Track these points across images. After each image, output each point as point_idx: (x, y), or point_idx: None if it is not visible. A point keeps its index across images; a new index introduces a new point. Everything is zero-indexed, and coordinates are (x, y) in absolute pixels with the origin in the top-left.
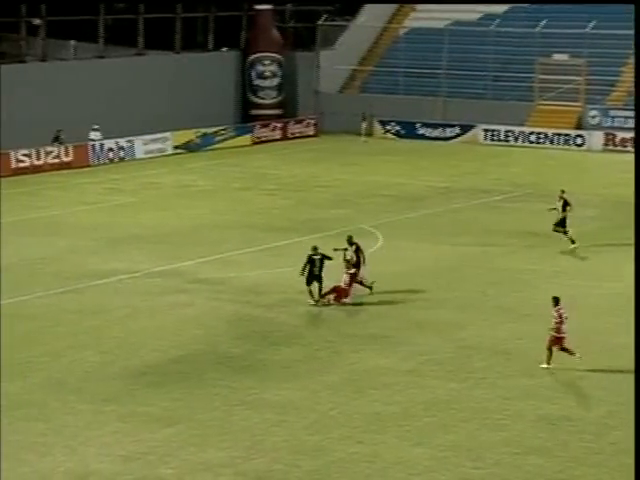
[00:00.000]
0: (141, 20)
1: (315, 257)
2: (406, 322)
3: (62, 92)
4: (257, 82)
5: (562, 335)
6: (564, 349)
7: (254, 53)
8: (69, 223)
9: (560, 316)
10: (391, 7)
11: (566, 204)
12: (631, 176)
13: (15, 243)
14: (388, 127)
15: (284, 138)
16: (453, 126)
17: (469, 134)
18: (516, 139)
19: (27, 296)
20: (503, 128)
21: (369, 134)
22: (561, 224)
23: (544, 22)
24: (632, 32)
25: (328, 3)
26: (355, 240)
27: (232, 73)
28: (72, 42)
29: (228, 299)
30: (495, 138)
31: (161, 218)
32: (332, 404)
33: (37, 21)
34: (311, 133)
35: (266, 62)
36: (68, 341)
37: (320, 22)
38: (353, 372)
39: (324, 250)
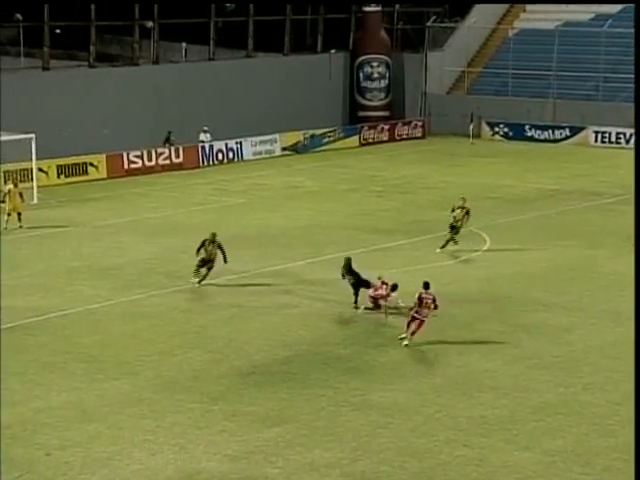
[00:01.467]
0: (251, 22)
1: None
2: (513, 325)
3: (173, 94)
4: (365, 84)
5: None
6: None
7: (362, 55)
8: (180, 223)
9: None
10: (501, 8)
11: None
12: None
13: (129, 243)
14: (496, 129)
15: (391, 140)
16: (563, 128)
17: (579, 136)
18: (627, 141)
19: (140, 295)
20: (614, 130)
21: (477, 136)
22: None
23: None
24: None
25: (437, 4)
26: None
27: (340, 75)
28: (183, 44)
29: (334, 300)
30: (606, 140)
31: (269, 219)
32: (438, 406)
33: (149, 24)
34: (419, 135)
35: (374, 64)
36: (178, 340)
37: (429, 23)
38: (459, 375)
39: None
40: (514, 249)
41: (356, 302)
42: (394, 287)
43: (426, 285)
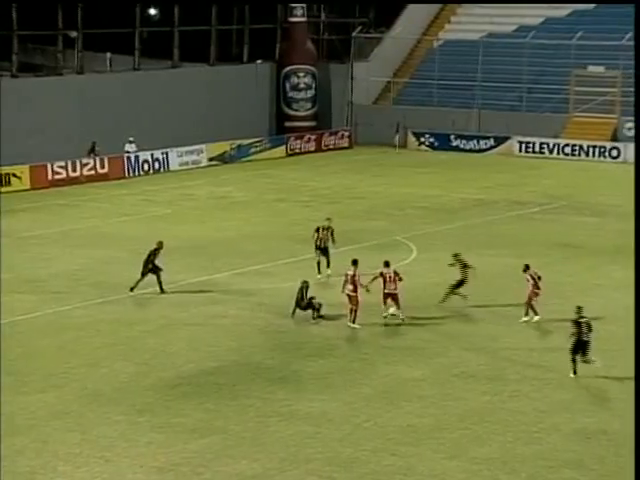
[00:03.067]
0: (176, 32)
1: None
2: (440, 334)
3: (98, 104)
4: (291, 94)
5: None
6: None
7: (288, 65)
8: (107, 234)
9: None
10: (426, 19)
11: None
12: None
13: (55, 254)
14: (422, 139)
15: (318, 150)
16: (488, 138)
17: (504, 146)
18: (551, 151)
19: (66, 307)
20: (538, 140)
21: (403, 146)
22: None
23: (579, 34)
24: None
25: (363, 15)
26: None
27: (267, 85)
28: (108, 54)
29: (263, 310)
30: (530, 150)
31: (197, 229)
32: (366, 416)
33: (73, 34)
34: (345, 145)
35: (300, 74)
36: (105, 352)
37: (354, 34)
38: (387, 384)
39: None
40: (441, 258)
41: (293, 313)
42: (354, 262)
43: (386, 263)
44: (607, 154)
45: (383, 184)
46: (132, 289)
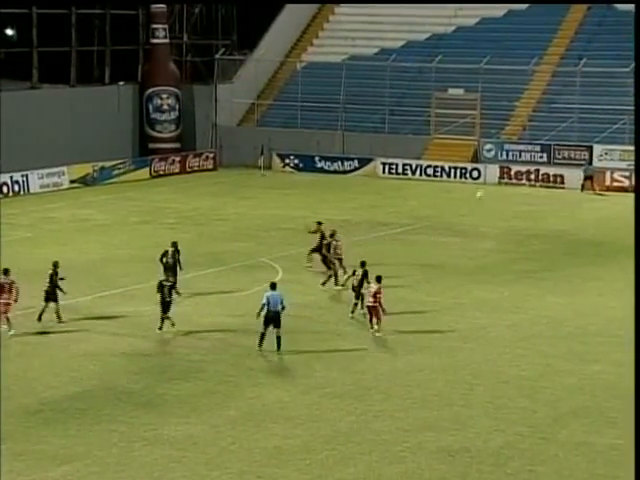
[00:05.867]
0: (35, 53)
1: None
2: (306, 355)
3: None
4: (155, 115)
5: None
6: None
7: (151, 87)
8: None
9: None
10: (289, 41)
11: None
12: (526, 208)
13: None
14: (287, 160)
15: (183, 172)
16: (352, 159)
17: (367, 167)
18: (413, 172)
19: None
20: (401, 161)
21: (268, 167)
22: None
23: (439, 57)
24: (525, 67)
25: (226, 37)
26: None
27: (129, 107)
28: None
29: (126, 334)
30: (393, 171)
31: (58, 253)
32: (232, 439)
33: None
34: (210, 167)
35: (163, 95)
36: None
37: (218, 56)
38: (253, 406)
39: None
40: (306, 280)
41: (160, 328)
42: (378, 279)
43: (379, 278)
44: (468, 175)
45: (248, 206)
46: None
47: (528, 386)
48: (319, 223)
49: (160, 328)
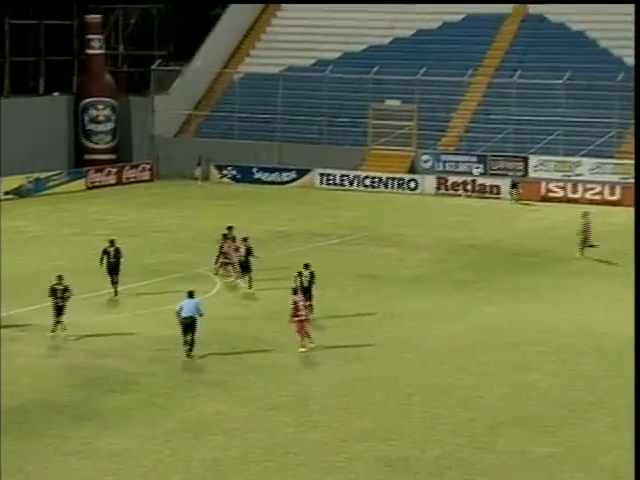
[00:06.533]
0: None
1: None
2: (244, 366)
3: None
4: (90, 127)
5: (302, 318)
6: (305, 332)
7: (87, 97)
8: None
9: (294, 302)
10: (226, 52)
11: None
12: (462, 219)
13: None
14: (224, 172)
15: (119, 183)
16: (289, 170)
17: (305, 178)
18: (351, 183)
19: None
20: (338, 172)
21: (205, 178)
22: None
23: (376, 68)
24: (461, 79)
25: (162, 48)
26: None
27: (65, 118)
28: None
29: (61, 347)
30: (331, 182)
31: None
32: (170, 451)
33: None
34: (147, 178)
35: (99, 106)
36: None
37: (154, 67)
38: (191, 418)
39: None
40: (243, 291)
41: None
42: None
43: (295, 291)
44: (405, 186)
45: (186, 217)
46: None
47: (465, 396)
48: (229, 228)
49: (53, 331)
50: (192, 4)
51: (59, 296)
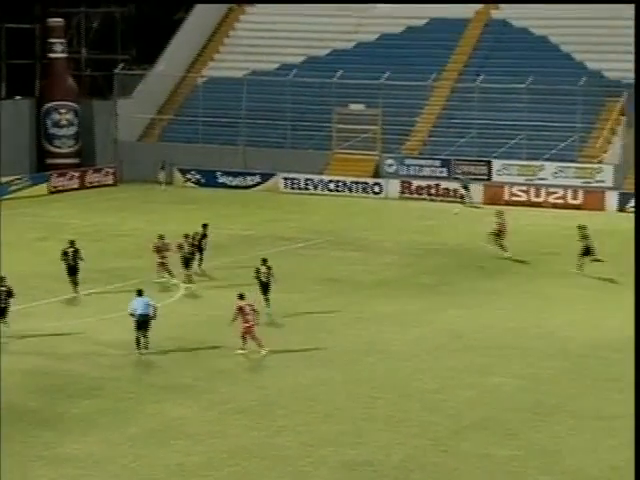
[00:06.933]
0: None
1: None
2: (208, 371)
3: None
4: (53, 130)
5: (250, 324)
6: (255, 338)
7: (49, 101)
8: None
9: (240, 308)
10: (189, 56)
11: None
12: (427, 223)
13: None
14: (188, 176)
15: (82, 187)
16: (253, 174)
17: (269, 182)
18: (315, 187)
19: None
20: (303, 176)
21: (169, 183)
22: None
23: (340, 73)
24: (424, 83)
25: (125, 51)
26: None
27: (26, 122)
28: None
29: (24, 352)
30: (295, 186)
31: None
32: (133, 456)
33: None
34: (110, 182)
35: (62, 110)
36: None
37: (117, 70)
38: (155, 423)
39: None
40: (208, 295)
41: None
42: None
43: (241, 296)
44: (370, 190)
45: (149, 221)
46: None
47: (429, 399)
48: (204, 226)
49: None
50: (155, 8)
51: (2, 298)
